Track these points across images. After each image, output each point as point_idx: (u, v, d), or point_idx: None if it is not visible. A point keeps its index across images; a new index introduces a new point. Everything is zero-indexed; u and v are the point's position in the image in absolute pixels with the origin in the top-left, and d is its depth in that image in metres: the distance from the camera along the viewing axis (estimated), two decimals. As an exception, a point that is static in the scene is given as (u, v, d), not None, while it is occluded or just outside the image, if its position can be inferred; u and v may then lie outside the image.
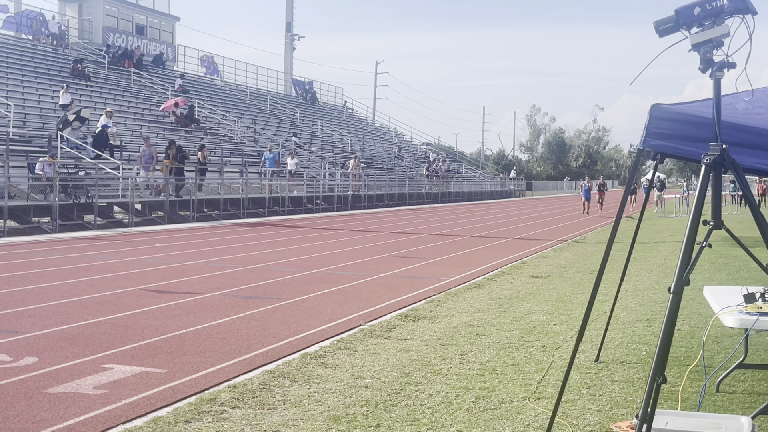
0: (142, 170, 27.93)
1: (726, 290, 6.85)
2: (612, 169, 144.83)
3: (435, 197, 54.30)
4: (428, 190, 54.41)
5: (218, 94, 53.77)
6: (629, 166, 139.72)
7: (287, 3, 75.19)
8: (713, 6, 3.82)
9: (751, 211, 3.97)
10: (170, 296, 11.32)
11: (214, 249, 18.45)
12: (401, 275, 14.31)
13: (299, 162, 40.29)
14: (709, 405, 6.27)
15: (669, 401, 6.38)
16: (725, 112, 4.22)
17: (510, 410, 6.13)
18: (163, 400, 6.27)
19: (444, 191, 57.23)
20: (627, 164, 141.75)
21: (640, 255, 18.44)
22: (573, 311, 10.67)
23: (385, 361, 7.67)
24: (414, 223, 30.33)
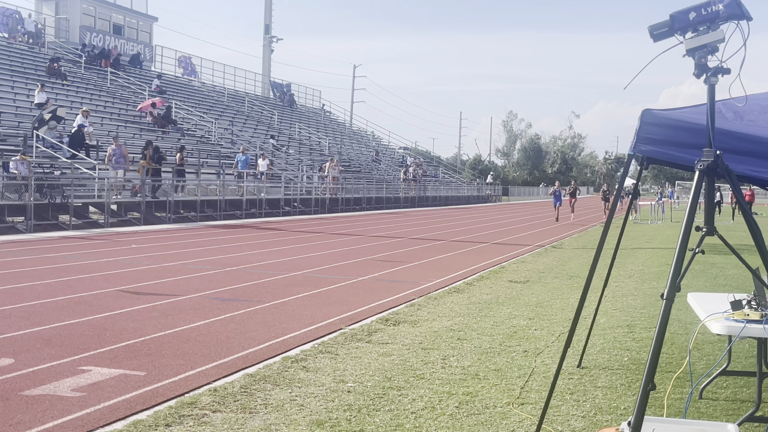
0: (112, 169, 27.42)
1: (710, 297, 6.85)
2: (587, 175, 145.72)
3: (412, 201, 54.32)
4: (405, 194, 54.40)
5: (196, 95, 53.49)
6: (604, 172, 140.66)
7: (266, 5, 75.02)
8: (709, 11, 3.81)
9: (744, 218, 3.95)
10: (148, 298, 11.20)
11: (192, 251, 18.30)
12: (380, 279, 14.25)
13: (271, 163, 40.10)
14: (693, 412, 6.26)
15: (653, 408, 6.36)
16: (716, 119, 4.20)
17: (494, 416, 6.10)
18: (143, 404, 6.17)
19: (421, 195, 57.27)
20: (602, 171, 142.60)
21: (618, 261, 18.39)
22: (553, 316, 10.66)
23: (367, 365, 7.62)
24: (392, 227, 30.29)
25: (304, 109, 71.27)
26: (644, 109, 4.61)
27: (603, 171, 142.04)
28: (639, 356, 8.29)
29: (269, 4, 74.93)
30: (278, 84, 70.25)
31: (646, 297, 12.53)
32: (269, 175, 38.41)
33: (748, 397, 6.73)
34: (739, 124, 4.57)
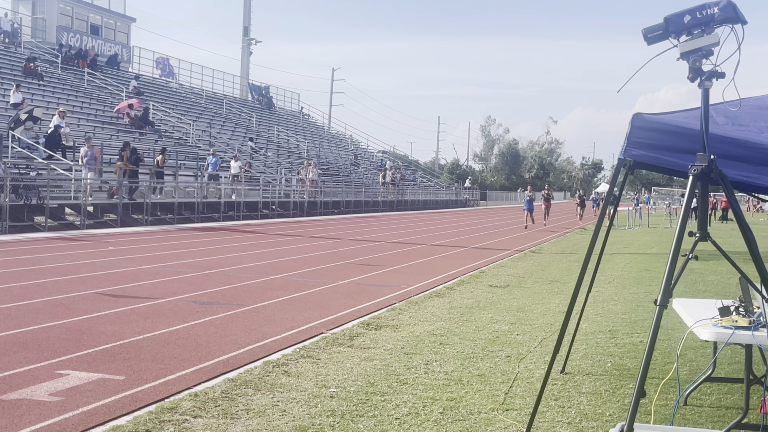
0: (83, 171, 26.98)
1: (696, 303, 6.83)
2: (564, 180, 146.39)
3: (391, 205, 54.27)
4: (384, 198, 54.35)
5: (173, 96, 53.18)
6: (581, 178, 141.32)
7: (245, 7, 74.79)
8: (704, 14, 3.77)
9: (738, 223, 3.91)
10: (126, 301, 11.06)
11: (170, 253, 18.14)
12: (360, 283, 14.17)
13: (249, 165, 39.90)
14: (678, 418, 6.23)
15: (639, 414, 6.31)
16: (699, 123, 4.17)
17: (479, 422, 6.04)
18: (122, 409, 6.06)
19: (400, 199, 57.23)
20: (579, 176, 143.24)
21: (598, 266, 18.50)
22: (535, 321, 10.62)
23: (349, 370, 7.54)
24: (371, 231, 30.22)
25: (283, 111, 71.08)
26: (635, 113, 4.57)
27: (580, 176, 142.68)
28: (622, 362, 8.26)
29: (248, 6, 74.74)
30: (257, 86, 70.01)
31: (627, 302, 12.53)
32: (247, 177, 38.22)
33: (732, 404, 6.71)
34: (730, 129, 4.54)
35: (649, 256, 22.14)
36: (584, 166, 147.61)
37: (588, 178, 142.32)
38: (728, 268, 17.55)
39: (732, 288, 14.33)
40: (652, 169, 4.90)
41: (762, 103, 5.18)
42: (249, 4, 74.71)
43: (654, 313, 4.21)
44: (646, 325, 10.42)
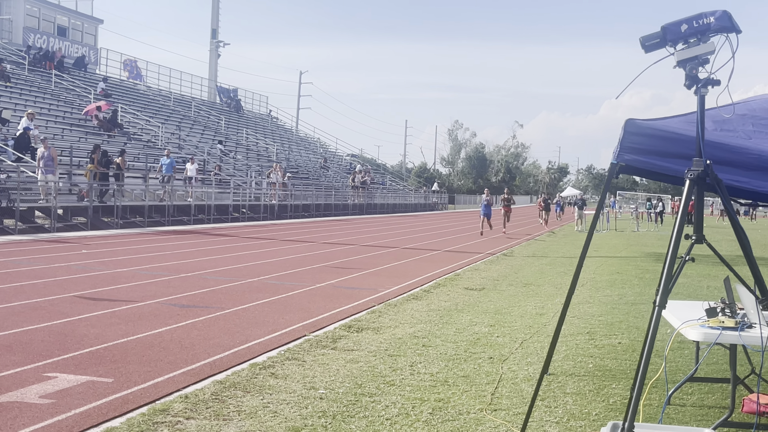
0: (40, 172, 26.37)
1: (682, 304, 6.97)
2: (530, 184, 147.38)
3: (360, 208, 54.33)
4: (354, 201, 54.39)
5: (141, 98, 52.83)
6: (547, 182, 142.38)
7: (213, 10, 74.48)
8: (700, 23, 3.89)
9: (732, 227, 4.03)
10: (105, 304, 11.02)
11: (144, 256, 18.05)
12: (338, 285, 14.23)
13: (219, 168, 39.72)
14: (663, 417, 6.36)
15: (618, 413, 6.46)
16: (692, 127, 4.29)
17: (469, 422, 6.13)
18: (115, 411, 6.07)
19: (369, 203, 57.30)
20: (545, 180, 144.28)
21: (569, 269, 18.76)
22: (513, 323, 10.74)
23: (335, 372, 7.60)
24: (343, 234, 30.26)
25: (251, 114, 70.90)
26: (628, 119, 4.68)
27: (546, 180, 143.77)
28: (603, 363, 8.40)
29: (216, 8, 74.43)
30: (225, 89, 69.77)
31: (602, 305, 12.71)
32: (217, 180, 38.07)
33: (714, 404, 6.87)
34: (718, 134, 4.67)
35: (619, 259, 22.42)
36: (550, 170, 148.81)
37: (554, 182, 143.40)
38: (706, 272, 17.85)
39: (705, 291, 14.59)
40: (643, 174, 5.02)
41: (748, 108, 5.33)
42: (217, 6, 74.42)
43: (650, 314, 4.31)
44: (623, 327, 10.60)
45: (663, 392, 7.08)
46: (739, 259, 5.56)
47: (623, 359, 8.59)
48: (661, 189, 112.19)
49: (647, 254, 25.07)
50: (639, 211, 52.29)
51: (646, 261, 22.24)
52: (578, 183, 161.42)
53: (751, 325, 5.63)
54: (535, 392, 5.38)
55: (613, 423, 4.84)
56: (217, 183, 37.80)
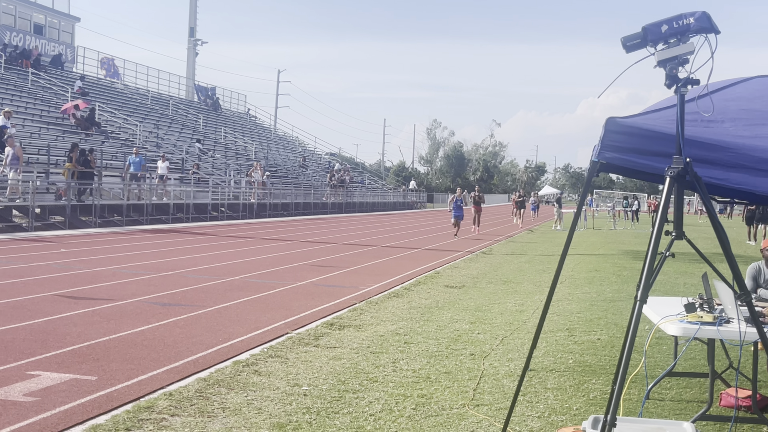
0: (5, 170, 25.61)
1: (661, 300, 7.08)
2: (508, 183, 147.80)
3: (339, 207, 54.31)
4: (333, 200, 54.37)
5: (119, 97, 52.51)
6: (524, 180, 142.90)
7: (191, 8, 74.11)
8: (680, 24, 3.98)
9: (712, 224, 4.12)
10: (86, 302, 11.00)
11: (123, 255, 17.99)
12: (319, 284, 14.26)
13: (197, 167, 39.53)
14: (642, 411, 6.46)
15: (598, 408, 6.55)
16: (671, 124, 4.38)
17: (452, 417, 6.20)
18: (99, 408, 6.09)
19: (348, 201, 57.30)
20: (523, 179, 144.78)
21: (548, 267, 18.89)
22: (493, 321, 10.84)
23: (318, 369, 7.65)
24: (322, 233, 30.26)
25: (230, 113, 70.65)
26: (609, 117, 4.76)
27: (524, 179, 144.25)
28: (583, 359, 8.50)
29: (194, 7, 74.09)
30: (203, 87, 69.46)
31: (581, 302, 12.83)
32: (196, 179, 37.94)
33: (693, 397, 6.99)
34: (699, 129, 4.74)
35: (597, 257, 22.60)
36: (528, 169, 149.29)
37: (532, 181, 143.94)
38: (683, 268, 18.03)
39: (682, 287, 14.75)
40: (624, 172, 5.10)
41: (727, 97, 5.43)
42: (195, 4, 74.08)
43: (629, 310, 4.39)
44: (602, 323, 10.72)
45: (643, 387, 7.19)
46: (716, 256, 5.67)
47: (602, 355, 8.70)
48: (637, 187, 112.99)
49: (624, 252, 25.28)
50: (616, 210, 52.62)
51: (623, 258, 22.43)
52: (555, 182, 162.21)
53: (729, 320, 5.74)
54: (518, 388, 5.45)
55: (594, 417, 4.93)
56: (195, 182, 37.66)
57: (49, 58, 50.27)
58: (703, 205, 16.44)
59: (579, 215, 4.98)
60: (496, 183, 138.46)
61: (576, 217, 4.98)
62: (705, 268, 4.96)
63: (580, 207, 5.13)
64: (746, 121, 4.93)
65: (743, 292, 4.07)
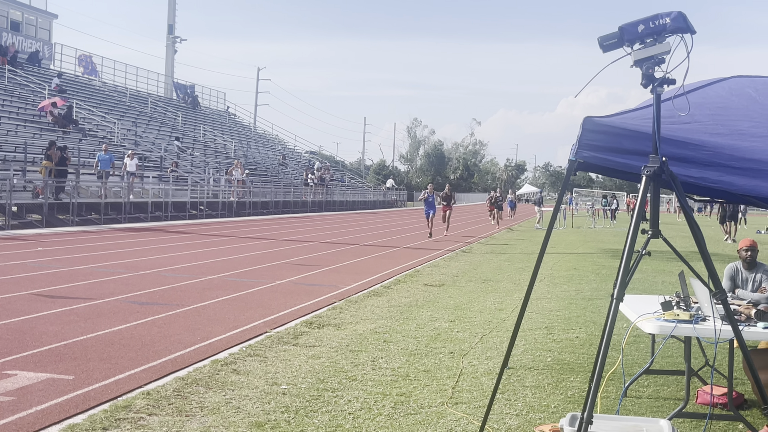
0: None
1: (638, 298, 7.13)
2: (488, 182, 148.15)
3: (319, 205, 54.24)
4: (313, 199, 54.28)
5: (97, 94, 52.17)
6: (504, 179, 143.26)
7: (169, 5, 73.82)
8: (656, 24, 4.00)
9: (687, 222, 4.15)
10: (63, 301, 10.93)
11: (101, 254, 17.88)
12: (298, 282, 14.24)
13: (176, 165, 39.32)
14: (619, 409, 6.50)
15: (575, 405, 6.59)
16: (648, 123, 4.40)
17: (431, 415, 6.21)
18: (76, 407, 6.06)
19: (328, 200, 57.23)
20: (503, 177, 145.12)
21: (527, 265, 18.96)
22: (473, 319, 10.86)
23: (297, 368, 7.64)
24: (302, 231, 30.21)
25: (209, 111, 70.35)
26: (586, 116, 4.78)
27: (504, 178, 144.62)
28: (561, 357, 8.54)
29: (173, 3, 73.79)
30: (182, 85, 69.14)
31: (559, 300, 12.89)
32: (175, 177, 37.77)
33: (670, 395, 7.04)
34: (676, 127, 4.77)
35: (576, 256, 22.70)
36: (508, 168, 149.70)
37: (512, 180, 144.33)
38: (660, 267, 18.15)
39: (659, 285, 14.85)
40: (601, 171, 5.13)
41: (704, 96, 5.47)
42: (174, 1, 73.77)
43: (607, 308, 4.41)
44: (580, 322, 10.77)
45: (620, 384, 7.24)
46: (692, 254, 5.71)
47: (581, 353, 8.74)
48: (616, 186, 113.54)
49: (603, 250, 25.40)
50: (595, 208, 52.87)
51: (602, 257, 22.54)
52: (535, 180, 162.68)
53: (705, 318, 5.79)
54: (496, 386, 5.46)
55: (572, 414, 4.95)
56: (174, 180, 37.49)
57: (26, 55, 49.86)
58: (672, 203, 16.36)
59: (557, 214, 4.99)
60: (476, 181, 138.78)
61: (554, 216, 4.99)
62: (682, 267, 4.99)
63: (557, 205, 5.14)
64: (722, 120, 4.97)
65: (719, 290, 4.11)
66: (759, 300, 7.56)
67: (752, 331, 5.75)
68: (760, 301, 7.56)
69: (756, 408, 6.64)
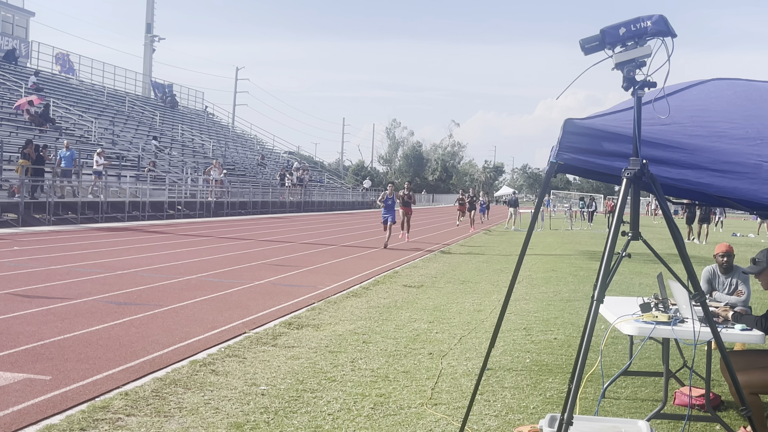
0: None
1: (617, 300, 7.17)
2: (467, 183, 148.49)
3: (298, 206, 54.13)
4: (291, 199, 54.16)
5: (74, 93, 51.82)
6: (483, 180, 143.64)
7: (148, 3, 73.48)
8: (637, 27, 4.02)
9: (667, 224, 4.17)
10: (40, 301, 10.84)
11: (78, 253, 17.76)
12: (277, 283, 14.20)
13: (154, 164, 39.10)
14: (598, 410, 6.53)
15: (554, 406, 6.62)
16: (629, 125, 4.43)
17: (410, 416, 6.21)
18: (54, 408, 6.01)
19: (307, 200, 57.14)
20: (481, 179, 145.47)
21: (505, 267, 19.01)
22: (452, 320, 10.88)
23: (276, 369, 7.62)
24: (281, 232, 30.14)
25: (187, 110, 70.06)
26: (567, 118, 4.79)
27: (482, 179, 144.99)
28: (540, 358, 8.57)
29: (151, 2, 73.44)
30: (159, 84, 68.82)
31: (538, 301, 12.94)
32: (152, 177, 37.56)
33: (648, 396, 7.08)
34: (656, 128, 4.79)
35: (554, 257, 22.79)
36: (486, 169, 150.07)
37: (490, 181, 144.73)
38: (638, 269, 18.26)
39: (637, 287, 14.93)
40: (582, 173, 5.14)
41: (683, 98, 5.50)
42: (152, 0, 73.39)
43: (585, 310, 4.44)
44: (558, 323, 10.81)
45: (599, 385, 7.27)
46: (670, 256, 5.75)
47: (559, 354, 8.78)
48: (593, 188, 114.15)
49: (581, 252, 25.52)
50: (573, 210, 53.12)
51: (579, 258, 22.65)
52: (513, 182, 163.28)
53: (684, 320, 5.83)
54: (476, 387, 5.47)
55: (551, 415, 4.97)
56: (151, 179, 37.30)
57: (2, 53, 49.46)
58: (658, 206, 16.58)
59: (537, 216, 5.01)
60: (454, 183, 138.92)
61: (534, 218, 5.01)
62: (660, 269, 5.03)
63: (537, 207, 5.16)
64: (702, 121, 5.00)
65: (698, 292, 4.13)
66: (736, 303, 7.64)
67: (729, 333, 5.79)
68: (737, 303, 7.63)
69: (733, 409, 6.70)
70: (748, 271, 6.00)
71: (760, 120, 5.01)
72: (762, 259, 5.86)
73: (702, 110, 5.28)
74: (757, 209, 5.89)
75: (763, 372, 5.66)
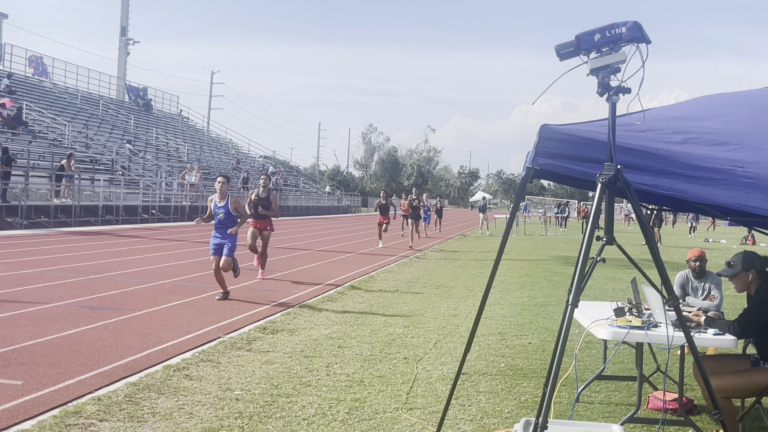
0: None
1: (589, 305, 7.19)
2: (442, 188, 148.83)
3: (272, 211, 53.89)
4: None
5: (47, 96, 51.38)
6: (458, 186, 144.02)
7: (122, 6, 72.97)
8: (612, 33, 4.05)
9: (641, 230, 4.20)
10: (12, 305, 10.72)
11: (50, 257, 17.59)
12: (252, 288, 14.15)
13: (127, 168, 38.75)
14: (572, 414, 6.55)
15: (529, 410, 6.63)
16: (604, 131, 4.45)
17: (385, 421, 6.20)
18: (25, 413, 5.94)
19: (282, 205, 56.97)
20: (456, 184, 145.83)
21: (480, 272, 19.06)
22: (427, 324, 10.88)
23: (251, 373, 7.58)
24: (255, 236, 29.97)
25: (161, 114, 69.65)
26: (543, 124, 4.81)
27: (457, 185, 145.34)
28: (514, 362, 8.59)
29: (126, 5, 72.97)
30: (134, 87, 68.39)
31: (512, 306, 12.98)
32: (126, 180, 37.29)
33: (622, 400, 7.12)
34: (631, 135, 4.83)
35: (528, 262, 22.88)
36: (461, 175, 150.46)
37: (465, 187, 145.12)
38: (611, 274, 18.36)
39: (611, 292, 15.02)
40: (557, 178, 5.17)
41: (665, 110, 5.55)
42: (127, 3, 72.96)
43: (560, 314, 4.45)
44: (533, 328, 10.84)
45: (573, 390, 7.30)
46: (643, 261, 5.78)
47: (534, 359, 8.81)
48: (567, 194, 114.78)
49: (555, 257, 25.64)
50: (547, 216, 53.37)
51: (554, 264, 22.75)
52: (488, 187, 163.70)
53: (657, 325, 5.86)
54: (452, 391, 5.47)
55: (526, 420, 4.97)
56: (125, 183, 37.02)
57: (-26, 54, 48.95)
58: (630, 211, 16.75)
59: (512, 221, 5.02)
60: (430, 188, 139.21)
61: (509, 223, 5.02)
62: (633, 274, 5.06)
63: (513, 213, 5.17)
64: (677, 128, 5.04)
65: (672, 297, 4.16)
66: (708, 307, 7.70)
67: (702, 337, 5.84)
68: (710, 308, 7.70)
69: (706, 413, 6.76)
70: (723, 274, 6.06)
71: (736, 125, 5.07)
72: (737, 262, 5.92)
73: (677, 118, 5.32)
74: (731, 215, 5.94)
75: (735, 376, 5.71)
